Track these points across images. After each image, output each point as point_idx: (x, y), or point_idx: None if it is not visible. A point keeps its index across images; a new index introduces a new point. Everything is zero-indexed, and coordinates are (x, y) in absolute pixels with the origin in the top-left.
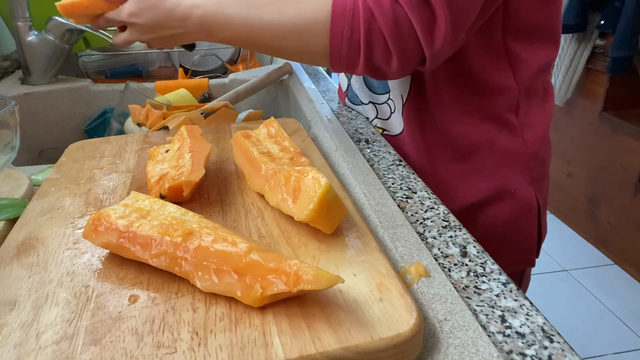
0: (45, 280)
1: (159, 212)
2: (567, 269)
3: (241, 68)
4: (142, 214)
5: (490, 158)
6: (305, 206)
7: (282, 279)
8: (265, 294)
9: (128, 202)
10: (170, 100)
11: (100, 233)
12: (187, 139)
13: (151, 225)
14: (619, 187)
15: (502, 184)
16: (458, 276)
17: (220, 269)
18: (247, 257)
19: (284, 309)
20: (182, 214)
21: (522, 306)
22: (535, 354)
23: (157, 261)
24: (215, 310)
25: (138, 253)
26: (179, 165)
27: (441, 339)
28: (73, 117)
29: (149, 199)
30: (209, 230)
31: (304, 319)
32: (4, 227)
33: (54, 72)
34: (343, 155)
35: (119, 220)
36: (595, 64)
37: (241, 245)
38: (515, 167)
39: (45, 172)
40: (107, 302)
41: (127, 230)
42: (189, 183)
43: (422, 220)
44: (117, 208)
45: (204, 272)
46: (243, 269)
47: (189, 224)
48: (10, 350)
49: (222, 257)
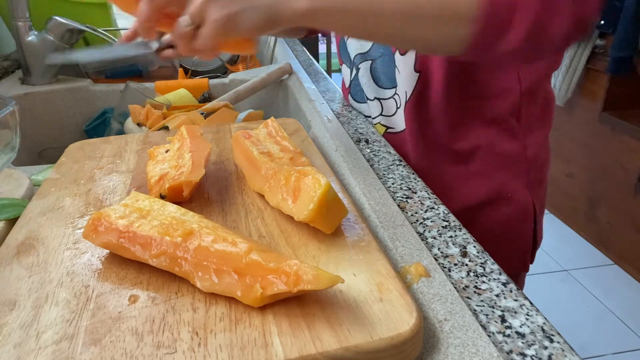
0: (45, 280)
1: (159, 212)
2: (567, 269)
3: (241, 68)
4: (142, 214)
5: (490, 161)
6: (305, 206)
7: (282, 279)
8: (265, 294)
9: (128, 202)
10: (170, 100)
11: (100, 233)
12: (187, 138)
13: (151, 225)
14: (619, 187)
15: (499, 187)
16: (458, 276)
17: (220, 269)
18: (247, 257)
19: (284, 309)
20: (182, 214)
21: (522, 306)
22: (535, 354)
23: (157, 261)
24: (215, 310)
25: (138, 253)
26: (179, 165)
27: (441, 339)
28: (73, 117)
29: (149, 199)
30: (209, 230)
31: (304, 319)
32: (4, 227)
33: (54, 72)
34: (343, 155)
35: (119, 220)
36: (595, 64)
37: (241, 245)
38: (513, 171)
39: (45, 172)
40: (107, 302)
41: (127, 230)
42: (189, 183)
43: (422, 220)
44: (117, 208)
45: (204, 272)
46: (243, 269)
47: (189, 224)
48: (10, 350)
49: (222, 257)
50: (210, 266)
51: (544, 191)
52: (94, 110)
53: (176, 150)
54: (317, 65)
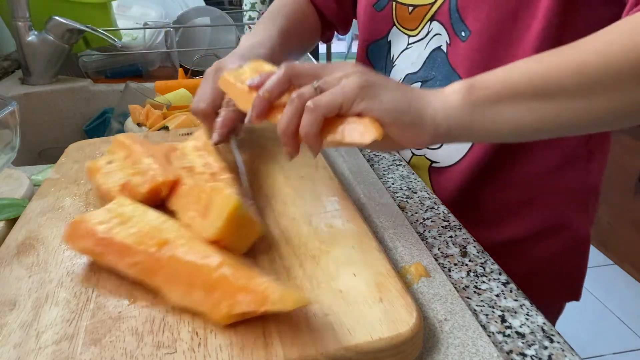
0: (45, 280)
1: (140, 219)
2: None
3: None
4: (122, 219)
5: (550, 189)
6: (212, 224)
7: (250, 298)
8: (231, 312)
9: (112, 206)
10: (170, 100)
11: (78, 238)
12: (133, 145)
13: (129, 233)
14: (619, 187)
15: (559, 218)
16: (458, 276)
17: (190, 282)
18: (218, 272)
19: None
20: (161, 222)
21: (522, 306)
22: (535, 354)
23: (130, 271)
24: None
25: (113, 261)
26: (142, 171)
27: (441, 339)
28: (73, 117)
29: (133, 204)
30: (184, 241)
31: (304, 319)
32: (4, 227)
33: (54, 72)
34: (343, 155)
35: (98, 225)
36: None
37: (212, 259)
38: (576, 201)
39: (45, 172)
40: (107, 302)
41: (104, 237)
42: (167, 183)
43: (422, 220)
44: (99, 212)
45: (174, 285)
46: (212, 285)
47: (166, 232)
48: (10, 350)
49: (192, 270)
50: (180, 279)
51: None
52: (94, 110)
53: (124, 159)
54: None
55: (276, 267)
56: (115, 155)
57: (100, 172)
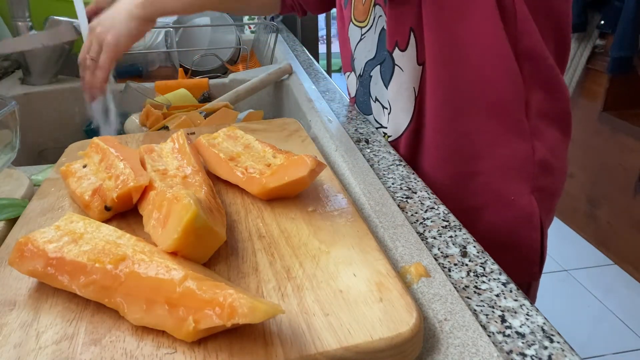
0: None
1: (93, 235)
2: (567, 269)
3: (241, 68)
4: (74, 237)
5: (490, 162)
6: (170, 235)
7: (217, 311)
8: (198, 327)
9: (61, 223)
10: (170, 100)
11: (25, 259)
12: (108, 149)
13: (81, 251)
14: (619, 187)
15: (501, 190)
16: (458, 276)
17: (152, 299)
18: (182, 286)
19: (283, 308)
20: (117, 237)
21: (522, 306)
22: (535, 354)
23: (85, 291)
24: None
25: (65, 282)
26: (115, 175)
27: (441, 339)
28: (73, 117)
29: (84, 219)
30: (144, 256)
31: (304, 319)
32: (4, 227)
33: (54, 72)
34: (343, 155)
35: (47, 244)
36: (595, 64)
37: (175, 273)
38: (519, 175)
39: (45, 172)
40: None
41: (55, 256)
42: (139, 188)
43: (422, 220)
44: (47, 230)
45: (134, 302)
46: (176, 300)
47: (123, 248)
48: (10, 350)
49: (154, 285)
50: (141, 296)
51: (554, 202)
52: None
53: (99, 163)
54: (317, 65)
55: (276, 267)
56: (90, 159)
57: (74, 176)
